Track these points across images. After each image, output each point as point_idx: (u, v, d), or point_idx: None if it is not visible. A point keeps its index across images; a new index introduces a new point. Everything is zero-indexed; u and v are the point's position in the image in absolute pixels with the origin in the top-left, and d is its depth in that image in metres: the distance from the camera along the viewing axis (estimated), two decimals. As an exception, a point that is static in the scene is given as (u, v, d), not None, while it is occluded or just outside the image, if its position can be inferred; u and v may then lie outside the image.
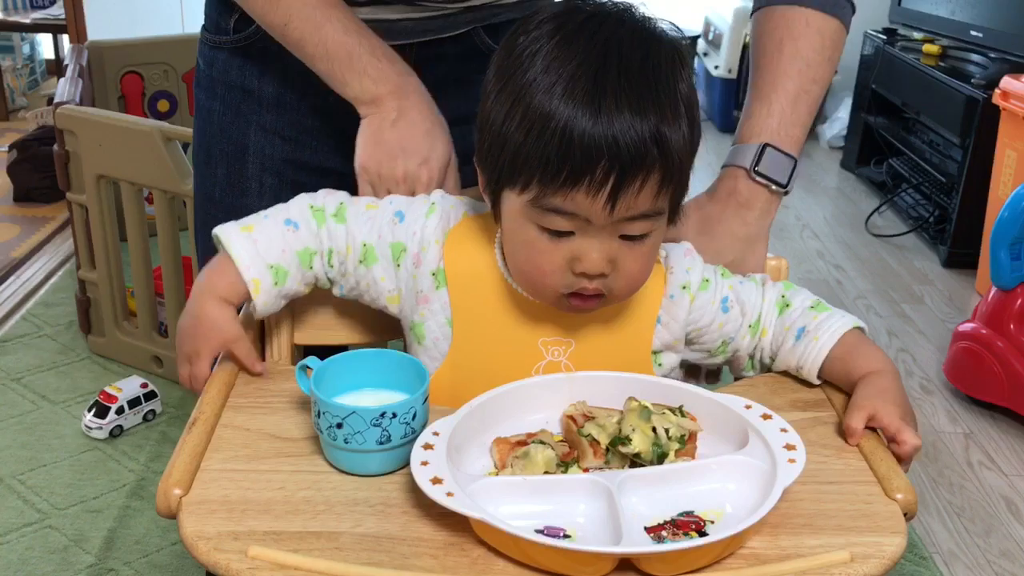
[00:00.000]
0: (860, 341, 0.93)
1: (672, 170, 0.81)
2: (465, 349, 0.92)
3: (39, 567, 1.67)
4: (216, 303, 0.91)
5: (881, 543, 0.73)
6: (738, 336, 0.96)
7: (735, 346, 0.97)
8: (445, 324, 0.92)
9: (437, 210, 0.92)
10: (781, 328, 0.95)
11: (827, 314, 0.94)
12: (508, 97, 0.82)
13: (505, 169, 0.83)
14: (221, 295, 0.91)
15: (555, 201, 0.81)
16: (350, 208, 0.93)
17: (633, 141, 0.78)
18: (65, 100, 2.24)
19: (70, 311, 2.51)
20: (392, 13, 1.05)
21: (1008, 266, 2.13)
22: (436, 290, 0.92)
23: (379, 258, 0.92)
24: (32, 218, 3.24)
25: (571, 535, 0.74)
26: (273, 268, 0.91)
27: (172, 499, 0.75)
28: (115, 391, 2.05)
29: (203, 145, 1.17)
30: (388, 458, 0.79)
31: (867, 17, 4.09)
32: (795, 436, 0.80)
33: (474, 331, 0.92)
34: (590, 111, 0.78)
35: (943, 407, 2.29)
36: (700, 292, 0.93)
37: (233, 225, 0.92)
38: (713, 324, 0.94)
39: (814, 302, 0.96)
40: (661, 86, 0.80)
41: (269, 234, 0.91)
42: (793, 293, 0.97)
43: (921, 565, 1.77)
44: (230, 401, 0.88)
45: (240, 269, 0.90)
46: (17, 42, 4.47)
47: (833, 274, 3.03)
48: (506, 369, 0.90)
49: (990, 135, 2.83)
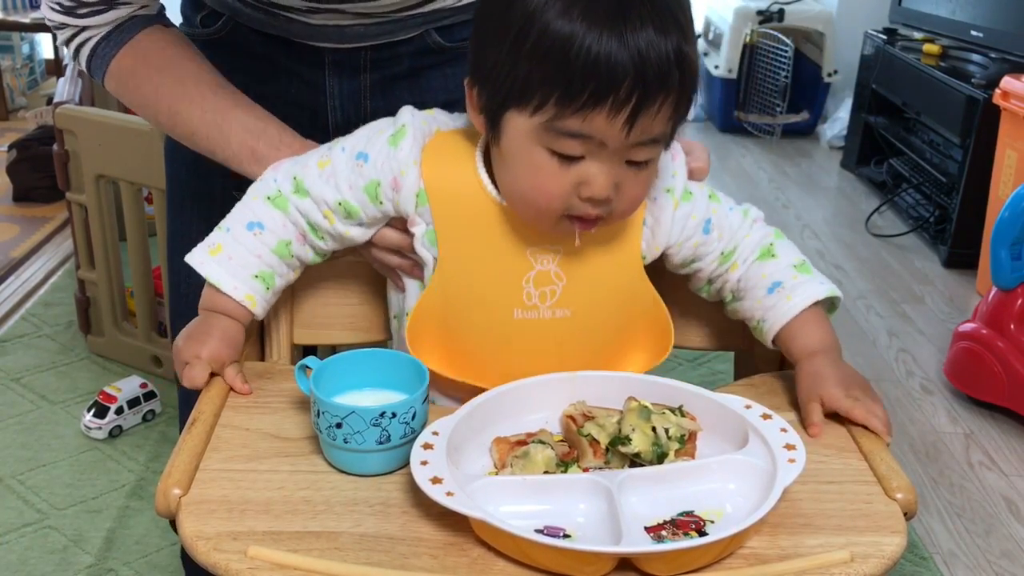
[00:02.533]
0: (814, 317, 0.93)
1: (688, 92, 0.81)
2: (452, 265, 0.91)
3: (38, 567, 1.67)
4: (226, 319, 0.92)
5: (881, 543, 0.73)
6: (706, 258, 0.95)
7: (700, 265, 0.96)
8: (430, 244, 0.91)
9: (408, 132, 0.90)
10: (757, 274, 0.95)
11: (808, 277, 0.94)
12: (517, 18, 0.80)
13: (514, 91, 0.81)
14: (228, 311, 0.92)
15: (571, 123, 0.80)
16: (307, 178, 0.92)
17: (658, 59, 0.78)
18: (65, 100, 2.24)
19: (70, 311, 2.51)
20: (345, 19, 1.06)
21: (1008, 266, 2.13)
22: (417, 209, 0.90)
23: (359, 207, 0.91)
24: (32, 218, 3.24)
25: (571, 535, 0.74)
26: (259, 277, 0.92)
27: (171, 499, 0.75)
28: (114, 391, 2.05)
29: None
30: (387, 458, 0.79)
31: (867, 17, 4.10)
32: (795, 436, 0.79)
33: (460, 245, 0.90)
34: (614, 30, 0.77)
35: (943, 407, 2.29)
36: (683, 202, 0.93)
37: (202, 252, 0.93)
38: (689, 241, 0.94)
39: (799, 261, 0.95)
40: (679, 5, 0.81)
41: (239, 248, 0.92)
42: (782, 245, 0.96)
43: (921, 565, 1.77)
44: (229, 401, 0.88)
45: (229, 293, 0.91)
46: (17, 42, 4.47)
47: (833, 274, 3.03)
48: (495, 282, 0.90)
49: (990, 135, 2.83)
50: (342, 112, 1.14)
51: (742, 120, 4.37)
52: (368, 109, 1.14)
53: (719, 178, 3.88)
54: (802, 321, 0.93)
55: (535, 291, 0.91)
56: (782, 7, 4.21)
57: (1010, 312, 2.15)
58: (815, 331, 0.93)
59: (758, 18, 4.22)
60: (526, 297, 0.91)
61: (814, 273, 0.95)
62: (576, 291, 0.91)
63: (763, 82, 4.27)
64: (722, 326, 1.05)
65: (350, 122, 1.14)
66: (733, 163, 4.08)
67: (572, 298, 0.92)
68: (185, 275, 1.23)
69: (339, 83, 1.12)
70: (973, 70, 3.20)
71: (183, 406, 1.28)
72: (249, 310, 0.92)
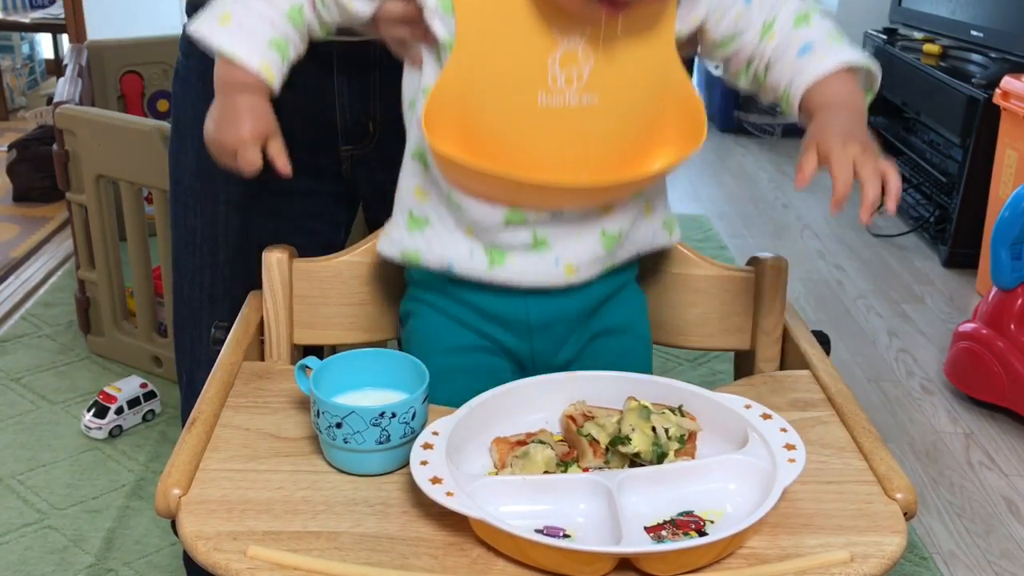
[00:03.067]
0: (844, 79, 0.88)
1: None
2: (471, 39, 0.84)
3: (38, 567, 1.67)
4: (248, 94, 0.87)
5: (881, 543, 0.73)
6: (748, 32, 0.91)
7: (741, 41, 0.91)
8: (445, 13, 0.85)
9: None
10: (790, 39, 0.90)
11: (843, 44, 0.89)
12: None
13: None
14: (247, 86, 0.87)
15: None
16: None
17: None
18: (65, 100, 2.24)
19: (70, 311, 2.51)
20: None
21: (1008, 266, 2.13)
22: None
23: None
24: (32, 218, 3.24)
25: (571, 535, 0.74)
26: (274, 45, 0.87)
27: (171, 499, 0.75)
28: (114, 391, 2.05)
29: (178, 133, 1.19)
30: (387, 458, 0.79)
31: (867, 17, 4.10)
32: (795, 436, 0.79)
33: (479, 16, 0.84)
34: None
35: (943, 407, 2.29)
36: None
37: (208, 24, 0.86)
38: (731, 12, 0.90)
39: (835, 30, 0.91)
40: None
41: (251, 16, 0.86)
42: (819, 15, 0.92)
43: (921, 565, 1.77)
44: (229, 401, 0.88)
45: (244, 63, 0.85)
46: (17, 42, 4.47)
47: (833, 274, 3.03)
48: (518, 60, 0.85)
49: (990, 135, 2.83)
50: (351, 114, 1.13)
51: (742, 120, 4.37)
52: (378, 110, 1.13)
53: (719, 177, 3.89)
54: (830, 81, 0.87)
55: (561, 72, 0.85)
56: (782, 7, 4.21)
57: (1010, 312, 2.15)
58: (840, 89, 0.87)
59: (758, 18, 4.21)
60: (551, 80, 0.85)
61: (847, 42, 0.90)
62: (605, 73, 0.86)
63: (763, 82, 4.27)
64: (722, 326, 1.06)
65: (359, 124, 1.14)
66: (733, 163, 4.08)
67: (600, 81, 0.86)
68: (188, 279, 1.23)
69: (348, 83, 1.11)
70: (973, 70, 3.20)
71: (184, 405, 1.28)
72: (267, 83, 0.87)
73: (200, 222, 1.19)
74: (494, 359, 0.96)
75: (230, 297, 1.15)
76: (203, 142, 1.14)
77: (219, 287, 1.21)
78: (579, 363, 0.97)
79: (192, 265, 1.22)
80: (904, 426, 2.21)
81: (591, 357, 0.98)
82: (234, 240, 1.19)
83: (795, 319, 1.05)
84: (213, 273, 1.21)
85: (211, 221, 1.19)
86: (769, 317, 1.03)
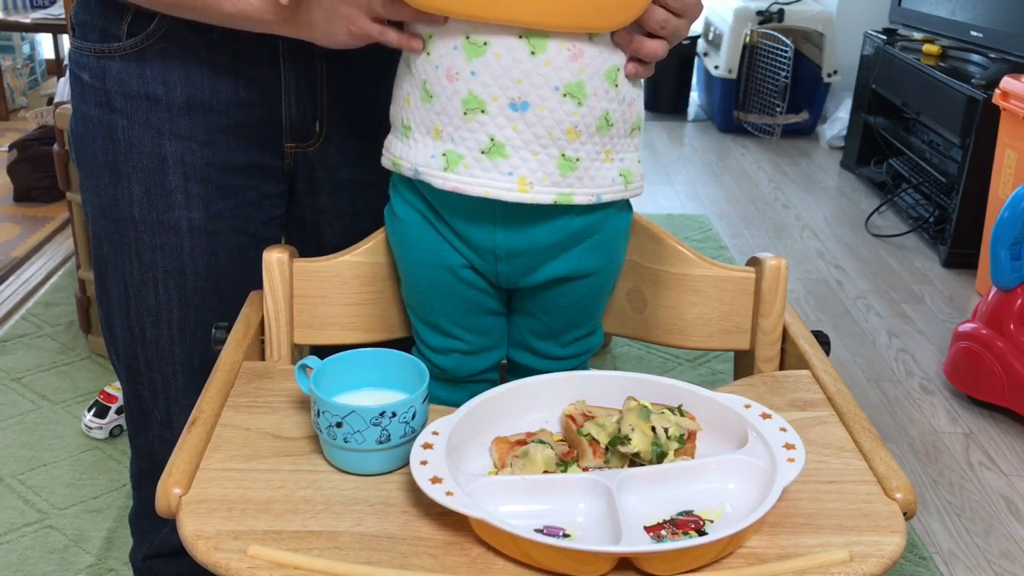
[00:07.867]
0: None
1: None
2: None
3: (39, 567, 1.67)
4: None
5: (880, 542, 0.73)
6: None
7: None
8: None
9: None
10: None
11: None
12: None
13: None
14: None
15: None
16: None
17: None
18: (65, 100, 2.24)
19: (70, 311, 2.51)
20: None
21: (1008, 266, 2.13)
22: None
23: None
24: (32, 218, 3.24)
25: (571, 534, 0.74)
26: None
27: (172, 498, 0.75)
28: (115, 391, 2.05)
29: (106, 164, 1.09)
30: (387, 457, 0.79)
31: (867, 17, 4.10)
32: (794, 435, 0.80)
33: None
34: None
35: (943, 407, 2.29)
36: None
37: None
38: None
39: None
40: None
41: None
42: None
43: (921, 565, 1.77)
44: (229, 400, 0.88)
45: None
46: (17, 42, 4.47)
47: (833, 274, 3.03)
48: None
49: (990, 135, 2.84)
50: (297, 109, 1.10)
51: (742, 120, 4.37)
52: (324, 103, 1.11)
53: (719, 178, 3.89)
54: None
55: None
56: (782, 7, 4.21)
57: (1010, 312, 2.15)
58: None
59: (758, 18, 4.22)
60: None
61: None
62: None
63: (763, 82, 4.28)
64: (722, 326, 1.06)
65: (306, 119, 1.11)
66: (733, 163, 4.08)
67: None
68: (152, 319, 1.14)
69: (295, 77, 1.08)
70: (973, 70, 3.21)
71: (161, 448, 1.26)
72: None
73: (159, 256, 1.11)
74: (467, 272, 0.98)
75: (202, 326, 1.12)
76: (149, 168, 1.08)
77: (189, 319, 1.13)
78: (544, 298, 1.00)
79: (155, 303, 1.12)
80: (904, 426, 2.21)
81: (555, 300, 1.00)
82: (202, 266, 1.12)
83: (795, 319, 1.05)
84: (182, 306, 1.13)
85: (175, 252, 1.11)
86: (769, 317, 1.03)
